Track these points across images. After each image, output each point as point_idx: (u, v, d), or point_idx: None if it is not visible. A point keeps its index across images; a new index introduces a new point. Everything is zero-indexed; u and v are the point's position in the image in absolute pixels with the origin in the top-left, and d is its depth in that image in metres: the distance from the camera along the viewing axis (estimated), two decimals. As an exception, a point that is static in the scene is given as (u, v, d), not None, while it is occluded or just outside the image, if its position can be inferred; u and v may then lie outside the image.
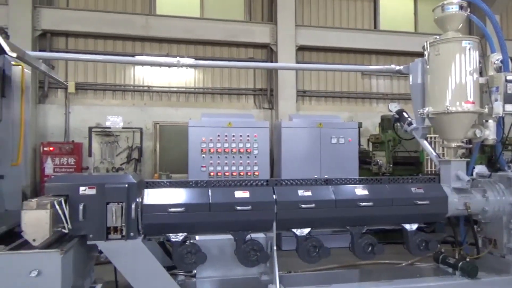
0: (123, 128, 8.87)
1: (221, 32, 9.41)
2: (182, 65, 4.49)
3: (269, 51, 9.88)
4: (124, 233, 3.18)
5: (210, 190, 3.53)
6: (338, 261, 5.63)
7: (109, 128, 8.79)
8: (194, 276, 3.97)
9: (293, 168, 7.08)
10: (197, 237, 3.72)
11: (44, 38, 8.76)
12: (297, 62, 9.74)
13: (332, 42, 10.09)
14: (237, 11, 10.09)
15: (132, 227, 3.21)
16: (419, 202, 3.80)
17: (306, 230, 3.68)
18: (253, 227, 3.60)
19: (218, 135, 6.89)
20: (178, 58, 4.48)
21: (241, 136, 6.99)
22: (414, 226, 3.90)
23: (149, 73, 9.38)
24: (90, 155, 8.72)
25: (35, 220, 2.79)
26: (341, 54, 10.43)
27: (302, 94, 10.15)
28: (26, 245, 2.91)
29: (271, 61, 9.74)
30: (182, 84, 9.54)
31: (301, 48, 9.91)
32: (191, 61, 4.69)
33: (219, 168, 6.88)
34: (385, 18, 10.95)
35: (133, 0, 9.43)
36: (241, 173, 6.97)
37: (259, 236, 3.70)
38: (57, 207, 2.93)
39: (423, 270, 4.42)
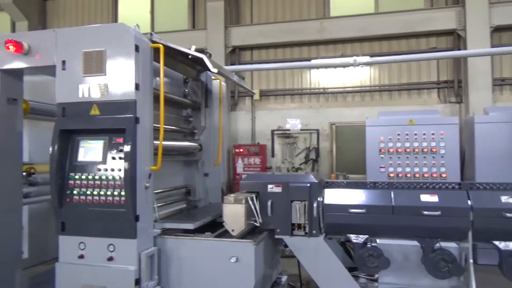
0: (301, 130, 9.31)
1: (397, 24, 8.86)
2: (358, 64, 4.45)
3: (455, 38, 8.76)
4: (307, 230, 3.35)
5: (392, 192, 3.37)
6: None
7: (289, 130, 9.37)
8: (376, 280, 3.85)
9: (490, 170, 6.10)
10: (378, 240, 3.60)
11: (234, 54, 10.00)
12: (492, 45, 8.32)
13: (542, 16, 8.24)
14: (416, 0, 9.33)
15: (314, 225, 3.35)
16: None
17: (512, 244, 3.12)
18: (443, 235, 3.26)
19: (398, 134, 6.51)
20: (354, 57, 4.47)
21: (424, 134, 6.42)
22: None
23: (324, 75, 9.58)
24: (273, 155, 9.50)
25: (233, 213, 3.21)
26: (555, 28, 8.42)
27: (500, 83, 8.62)
28: (226, 234, 3.37)
29: (459, 49, 8.61)
30: (357, 83, 9.39)
31: (497, 29, 8.44)
32: (367, 58, 4.59)
33: (399, 169, 6.49)
34: None
35: (308, 7, 9.81)
36: (425, 175, 6.40)
37: (450, 245, 3.32)
38: (250, 202, 3.29)
39: None
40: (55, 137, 3.19)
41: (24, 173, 4.04)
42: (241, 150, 9.32)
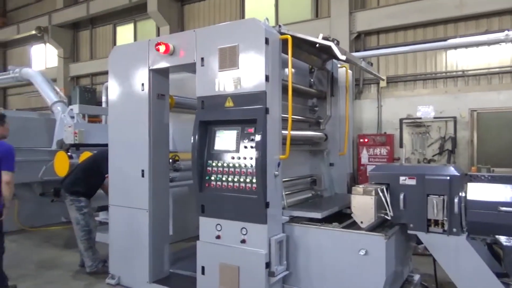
0: (434, 118, 8.50)
1: None
2: (511, 40, 3.81)
3: None
4: (446, 227, 3.05)
5: (558, 190, 2.84)
6: None
7: (420, 118, 8.64)
8: (532, 291, 3.31)
9: None
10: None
11: (358, 40, 9.60)
12: None
13: None
14: None
15: (455, 223, 3.03)
16: None
17: None
18: None
19: None
20: (506, 32, 3.85)
21: None
22: None
23: (464, 56, 8.52)
24: (401, 146, 8.89)
25: (362, 204, 3.10)
26: None
27: None
28: (354, 225, 3.28)
29: None
30: (507, 63, 8.09)
31: None
32: (523, 33, 3.90)
33: None
34: None
35: (444, -19, 8.82)
36: None
37: None
38: (381, 194, 3.14)
39: None
40: (195, 128, 3.52)
41: (170, 160, 4.58)
42: (366, 140, 8.95)
